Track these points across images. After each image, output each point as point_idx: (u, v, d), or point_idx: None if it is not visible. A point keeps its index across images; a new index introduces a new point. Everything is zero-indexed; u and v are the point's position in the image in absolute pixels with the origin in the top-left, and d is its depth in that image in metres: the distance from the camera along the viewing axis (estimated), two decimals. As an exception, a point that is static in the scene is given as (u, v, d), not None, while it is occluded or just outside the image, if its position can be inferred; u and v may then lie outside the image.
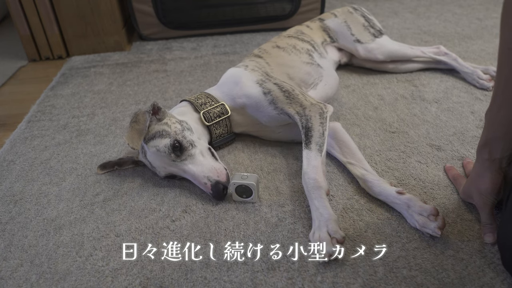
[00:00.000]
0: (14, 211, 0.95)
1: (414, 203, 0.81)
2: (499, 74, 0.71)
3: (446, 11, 2.11)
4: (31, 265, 0.80)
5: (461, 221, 0.82)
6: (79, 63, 1.79)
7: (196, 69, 1.63)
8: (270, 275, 0.74)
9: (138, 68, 1.69)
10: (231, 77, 1.09)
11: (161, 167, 0.96)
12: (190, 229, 0.85)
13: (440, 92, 1.32)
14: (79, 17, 1.79)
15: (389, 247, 0.78)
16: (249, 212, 0.89)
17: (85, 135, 1.24)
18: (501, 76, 0.70)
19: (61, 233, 0.87)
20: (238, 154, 1.09)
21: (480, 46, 1.63)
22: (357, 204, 0.89)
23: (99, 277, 0.76)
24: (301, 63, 1.19)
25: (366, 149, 1.06)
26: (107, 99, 1.45)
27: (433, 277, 0.71)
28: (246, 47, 1.82)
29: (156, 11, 1.89)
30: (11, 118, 1.40)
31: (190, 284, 0.73)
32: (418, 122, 1.17)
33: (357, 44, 1.38)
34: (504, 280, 0.70)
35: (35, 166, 1.11)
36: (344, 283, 0.71)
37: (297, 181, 0.97)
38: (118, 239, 0.85)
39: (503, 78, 0.69)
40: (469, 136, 1.09)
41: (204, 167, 0.92)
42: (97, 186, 1.01)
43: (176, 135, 0.94)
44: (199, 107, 1.06)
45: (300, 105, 1.00)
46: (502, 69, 0.70)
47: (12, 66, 1.83)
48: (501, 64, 0.71)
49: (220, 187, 0.89)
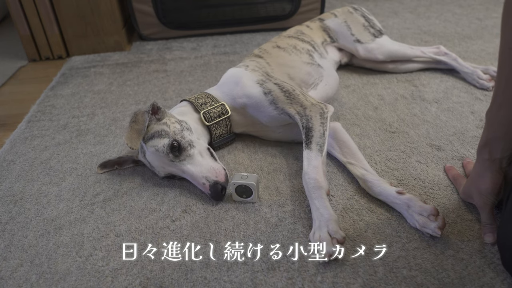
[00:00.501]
0: (14, 211, 0.95)
1: (414, 203, 0.81)
2: (499, 74, 0.71)
3: (446, 11, 2.11)
4: (31, 265, 0.80)
5: (461, 221, 0.82)
6: (79, 63, 1.79)
7: (196, 69, 1.63)
8: (270, 275, 0.74)
9: (138, 68, 1.69)
10: (231, 77, 1.09)
11: (160, 167, 0.96)
12: (190, 229, 0.85)
13: (440, 92, 1.32)
14: (79, 17, 1.79)
15: (389, 247, 0.77)
16: (249, 212, 0.89)
17: (85, 135, 1.24)
18: (502, 76, 0.70)
19: (61, 233, 0.87)
20: (238, 154, 1.09)
21: (480, 46, 1.63)
22: (357, 204, 0.89)
23: (99, 277, 0.76)
24: (301, 63, 1.19)
25: (366, 149, 1.06)
26: (107, 99, 1.45)
27: (433, 277, 0.71)
28: (246, 47, 1.82)
29: (156, 11, 1.89)
30: (11, 118, 1.40)
31: (190, 284, 0.73)
32: (418, 122, 1.17)
33: (357, 44, 1.38)
34: (504, 280, 0.70)
35: (35, 166, 1.11)
36: (344, 283, 0.71)
37: (297, 181, 0.97)
38: (118, 239, 0.85)
39: (504, 78, 0.69)
40: (469, 136, 1.09)
41: (203, 167, 0.92)
42: (97, 186, 1.01)
43: (175, 135, 0.94)
44: (199, 107, 1.06)
45: (300, 105, 1.00)
46: (503, 69, 0.70)
47: (12, 66, 1.83)
48: (501, 64, 0.71)
49: (218, 188, 0.89)
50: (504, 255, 0.70)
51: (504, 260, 0.70)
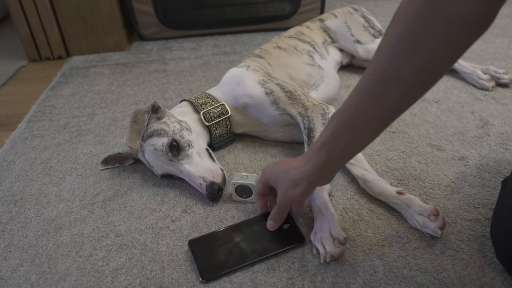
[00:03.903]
0: (14, 211, 0.95)
1: (414, 203, 0.81)
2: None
3: (446, 11, 2.10)
4: (31, 265, 0.80)
5: (461, 221, 0.82)
6: (79, 63, 1.79)
7: (196, 69, 1.63)
8: (270, 275, 0.74)
9: (138, 68, 1.69)
10: (233, 77, 1.09)
11: (158, 166, 0.96)
12: (190, 229, 0.85)
13: (440, 92, 1.32)
14: (79, 17, 1.79)
15: (389, 247, 0.78)
16: (249, 212, 0.89)
17: (85, 135, 1.24)
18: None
19: (61, 233, 0.87)
20: (238, 154, 1.09)
21: (480, 46, 1.63)
22: (357, 204, 0.89)
23: (99, 277, 0.76)
24: (302, 64, 1.19)
25: (366, 149, 1.06)
26: (107, 99, 1.45)
27: (433, 277, 0.71)
28: (246, 47, 1.82)
29: (156, 11, 1.89)
30: (11, 118, 1.40)
31: (190, 284, 0.73)
32: (418, 122, 1.17)
33: (357, 44, 1.38)
34: (504, 280, 0.70)
35: (35, 166, 1.11)
36: (344, 283, 0.71)
37: (297, 181, 0.97)
38: (118, 239, 0.85)
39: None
40: (469, 136, 1.09)
41: (200, 168, 0.92)
42: (97, 186, 1.01)
43: (174, 135, 0.94)
44: (199, 107, 1.06)
45: (302, 106, 1.00)
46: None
47: (12, 66, 1.83)
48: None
49: (215, 188, 0.89)
50: (498, 247, 0.70)
51: (498, 252, 0.71)
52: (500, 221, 0.71)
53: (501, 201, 0.74)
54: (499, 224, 0.71)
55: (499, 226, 0.71)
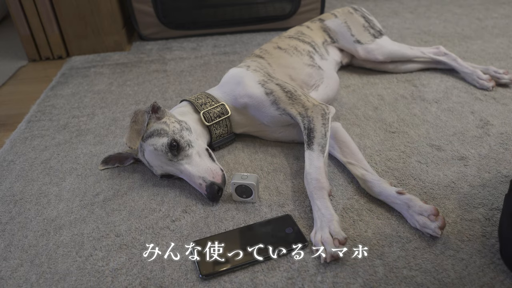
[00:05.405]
0: (14, 211, 0.95)
1: (414, 203, 0.81)
2: None
3: (446, 11, 2.11)
4: (31, 265, 0.80)
5: (461, 221, 0.82)
6: (79, 63, 1.79)
7: (196, 69, 1.63)
8: (270, 275, 0.74)
9: (138, 68, 1.69)
10: (233, 77, 1.09)
11: (158, 166, 0.96)
12: (190, 229, 0.85)
13: (440, 92, 1.32)
14: (79, 17, 1.79)
15: (389, 247, 0.78)
16: (249, 212, 0.89)
17: (85, 135, 1.24)
18: None
19: (61, 233, 0.87)
20: (238, 154, 1.09)
21: (480, 46, 1.63)
22: (357, 204, 0.89)
23: (99, 277, 0.76)
24: (302, 65, 1.19)
25: (366, 149, 1.06)
26: (107, 99, 1.45)
27: (433, 277, 0.71)
28: (246, 47, 1.82)
29: (156, 11, 1.89)
30: (11, 118, 1.40)
31: (190, 284, 0.73)
32: (418, 122, 1.17)
33: (357, 44, 1.38)
34: (504, 280, 0.70)
35: (35, 166, 1.11)
36: (344, 283, 0.71)
37: (297, 181, 0.97)
38: (118, 239, 0.85)
39: None
40: (469, 136, 1.09)
41: (200, 168, 0.92)
42: (97, 186, 1.01)
43: (174, 135, 0.94)
44: (199, 107, 1.06)
45: (302, 106, 1.00)
46: None
47: (12, 66, 1.83)
48: None
49: (214, 188, 0.89)
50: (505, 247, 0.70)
51: (504, 252, 0.70)
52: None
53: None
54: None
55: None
